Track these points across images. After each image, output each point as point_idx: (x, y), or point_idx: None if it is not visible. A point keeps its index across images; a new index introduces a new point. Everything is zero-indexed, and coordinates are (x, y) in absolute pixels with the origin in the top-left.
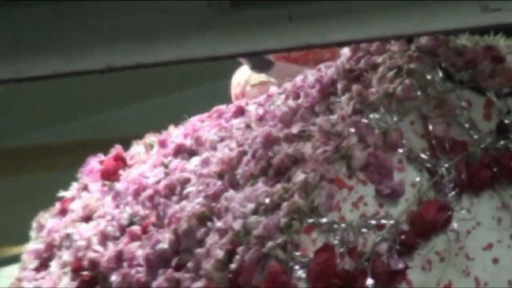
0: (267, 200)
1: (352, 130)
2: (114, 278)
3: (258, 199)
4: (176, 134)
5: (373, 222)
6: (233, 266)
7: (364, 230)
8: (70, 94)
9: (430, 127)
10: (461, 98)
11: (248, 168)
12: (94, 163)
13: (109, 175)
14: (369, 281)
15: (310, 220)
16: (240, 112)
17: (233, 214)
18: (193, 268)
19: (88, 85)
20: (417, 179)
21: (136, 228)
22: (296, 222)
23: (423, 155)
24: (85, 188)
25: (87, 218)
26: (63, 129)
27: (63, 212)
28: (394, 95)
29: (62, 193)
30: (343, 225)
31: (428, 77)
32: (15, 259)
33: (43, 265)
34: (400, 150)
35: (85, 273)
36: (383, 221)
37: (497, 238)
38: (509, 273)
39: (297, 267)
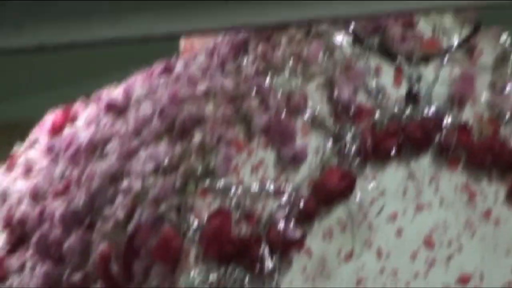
0: (166, 161)
1: (254, 91)
2: (34, 238)
3: (158, 159)
4: (114, 91)
5: (272, 187)
6: (130, 227)
7: (262, 195)
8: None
9: (336, 92)
10: (370, 63)
11: (155, 126)
12: (48, 117)
13: (57, 130)
14: (265, 249)
15: (206, 183)
16: (168, 70)
17: (135, 174)
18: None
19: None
20: (321, 145)
21: (59, 186)
22: (191, 184)
23: (328, 120)
24: (34, 142)
25: (27, 174)
26: None
27: (11, 167)
28: (300, 58)
29: (16, 147)
30: (240, 189)
31: (337, 40)
32: None
33: None
34: (304, 115)
35: (14, 230)
36: (283, 187)
37: (402, 209)
38: (412, 244)
39: (190, 231)
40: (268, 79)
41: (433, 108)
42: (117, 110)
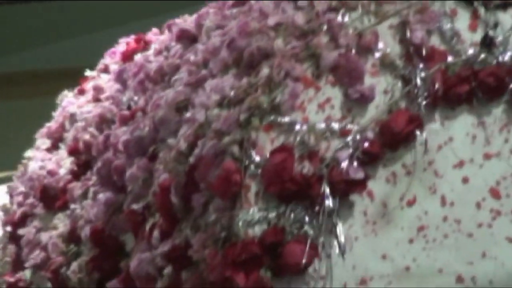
0: (232, 93)
1: (325, 28)
2: (98, 163)
3: (223, 91)
4: (187, 19)
5: (338, 126)
6: (191, 159)
7: (327, 134)
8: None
9: (409, 34)
10: (445, 6)
11: (223, 57)
12: (121, 44)
13: (128, 57)
14: (326, 189)
15: (271, 118)
16: (241, 1)
17: (200, 105)
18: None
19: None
20: (389, 86)
21: (126, 113)
22: (256, 119)
23: (398, 62)
24: (105, 69)
25: (96, 100)
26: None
27: (81, 92)
28: None
29: (88, 73)
30: (305, 126)
31: None
32: None
33: (54, 145)
34: (375, 54)
35: (80, 156)
36: (348, 127)
37: (469, 157)
38: (477, 194)
39: (252, 166)
40: (340, 16)
41: (508, 55)
42: (188, 38)
